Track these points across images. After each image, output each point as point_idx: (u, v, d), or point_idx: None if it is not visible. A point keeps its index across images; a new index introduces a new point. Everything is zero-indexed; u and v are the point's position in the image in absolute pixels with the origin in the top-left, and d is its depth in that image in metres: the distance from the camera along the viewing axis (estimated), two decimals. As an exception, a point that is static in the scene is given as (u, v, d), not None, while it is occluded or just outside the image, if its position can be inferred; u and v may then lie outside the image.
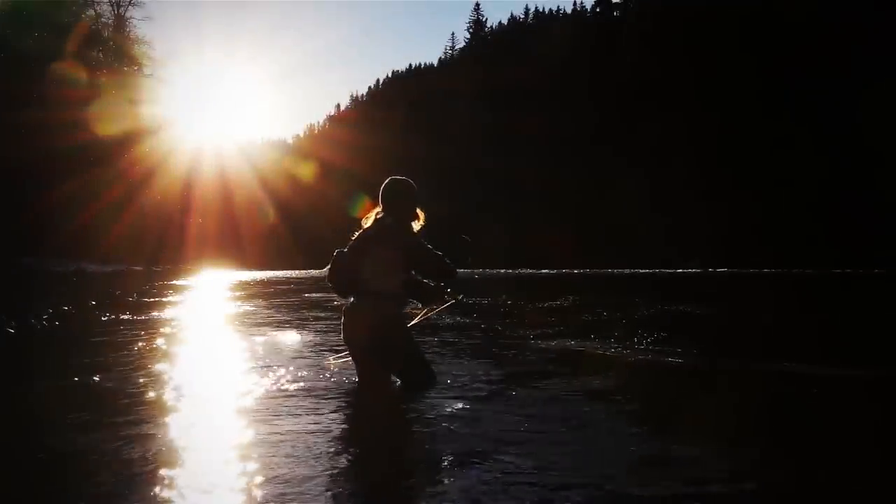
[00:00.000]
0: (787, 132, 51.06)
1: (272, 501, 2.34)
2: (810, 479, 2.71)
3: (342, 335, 4.28)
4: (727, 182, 50.55)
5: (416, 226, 4.22)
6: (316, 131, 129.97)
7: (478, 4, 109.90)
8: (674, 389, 4.73)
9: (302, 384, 4.43)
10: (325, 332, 7.86)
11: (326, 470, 2.68)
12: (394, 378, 4.26)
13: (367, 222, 4.22)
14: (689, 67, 57.54)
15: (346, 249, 4.21)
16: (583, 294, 7.21)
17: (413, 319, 4.46)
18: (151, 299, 14.89)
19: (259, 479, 2.55)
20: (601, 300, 7.08)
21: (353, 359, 4.29)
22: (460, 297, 4.40)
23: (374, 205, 4.26)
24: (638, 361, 5.64)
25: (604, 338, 6.66)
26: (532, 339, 6.99)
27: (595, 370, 5.17)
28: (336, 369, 4.86)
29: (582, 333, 6.89)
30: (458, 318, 8.63)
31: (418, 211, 4.23)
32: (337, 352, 5.45)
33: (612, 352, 6.11)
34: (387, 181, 4.27)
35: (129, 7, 33.84)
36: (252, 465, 2.71)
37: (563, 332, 7.02)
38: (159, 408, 3.79)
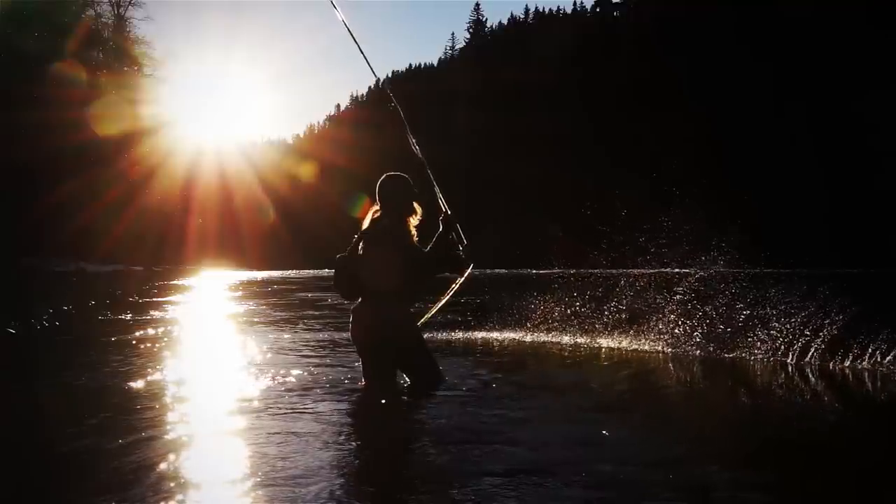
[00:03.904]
0: (787, 132, 51.05)
1: (278, 498, 2.35)
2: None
3: (350, 334, 4.29)
4: (727, 182, 50.55)
5: (414, 221, 4.22)
6: (316, 131, 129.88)
7: (478, 4, 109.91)
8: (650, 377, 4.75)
9: (303, 382, 4.44)
10: (323, 330, 7.87)
11: (332, 465, 2.69)
12: (401, 376, 4.26)
13: (366, 223, 4.23)
14: (689, 67, 57.53)
15: (346, 253, 4.22)
16: (578, 293, 7.27)
17: (422, 317, 4.47)
18: (152, 299, 14.91)
19: (263, 476, 2.56)
20: (595, 299, 7.13)
21: (360, 357, 4.30)
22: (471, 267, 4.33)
23: (374, 203, 4.26)
24: (638, 353, 5.67)
25: (594, 332, 6.69)
26: (527, 336, 7.01)
27: (578, 363, 5.18)
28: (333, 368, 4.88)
29: (571, 329, 6.94)
30: (454, 318, 8.64)
31: (415, 205, 4.23)
32: (339, 349, 5.46)
33: (618, 346, 6.13)
34: (382, 178, 4.26)
35: (129, 7, 33.73)
36: (255, 463, 2.72)
37: (557, 329, 7.07)
38: (160, 406, 3.79)
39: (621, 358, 5.85)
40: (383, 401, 3.93)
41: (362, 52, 4.68)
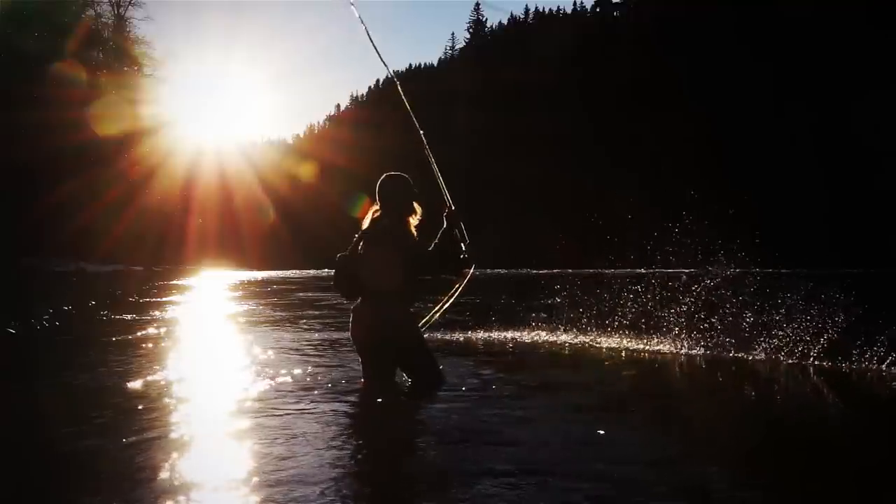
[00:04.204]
0: (788, 132, 51.05)
1: (279, 498, 2.35)
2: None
3: (350, 334, 4.28)
4: (727, 182, 50.56)
5: (414, 221, 4.21)
6: (316, 131, 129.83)
7: (478, 4, 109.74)
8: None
9: (303, 382, 4.44)
10: (323, 330, 7.87)
11: (333, 465, 2.69)
12: (402, 376, 4.26)
13: (366, 223, 4.22)
14: (689, 67, 57.55)
15: (346, 252, 4.22)
16: (574, 293, 7.30)
17: (424, 316, 4.47)
18: (152, 299, 14.91)
19: (264, 476, 2.56)
20: (591, 299, 7.14)
21: (360, 357, 4.30)
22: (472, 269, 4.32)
23: (374, 203, 4.25)
24: (628, 353, 5.67)
25: (589, 331, 6.69)
26: (528, 335, 7.01)
27: (574, 363, 5.19)
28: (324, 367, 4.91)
29: (571, 329, 6.94)
30: (454, 318, 8.64)
31: (415, 205, 4.22)
32: (339, 349, 5.46)
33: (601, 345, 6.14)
34: (382, 178, 4.26)
35: (129, 7, 33.75)
36: (255, 463, 2.72)
37: (557, 328, 7.08)
38: (161, 406, 3.79)
39: (622, 358, 5.85)
40: (383, 401, 3.93)
41: (375, 47, 4.68)
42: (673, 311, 6.40)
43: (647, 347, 6.15)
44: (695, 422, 3.72)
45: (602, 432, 3.23)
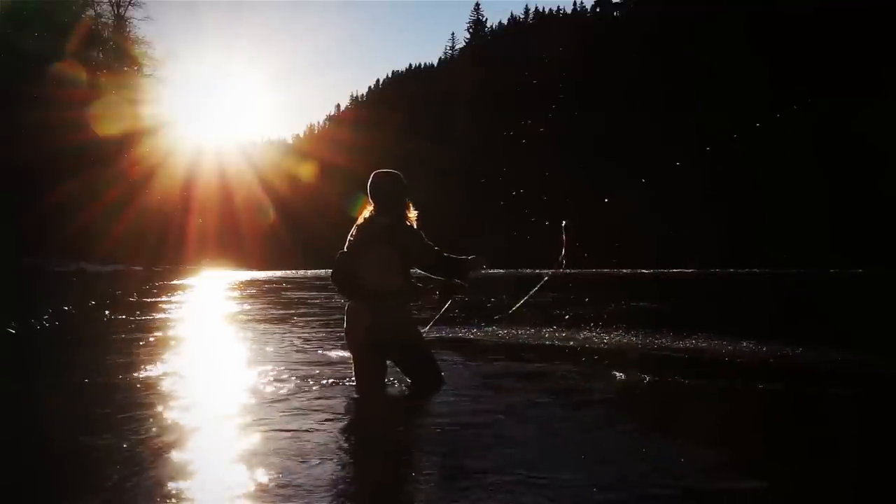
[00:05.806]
0: (791, 132, 51.05)
1: (278, 496, 2.36)
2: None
3: (346, 334, 4.28)
4: (729, 183, 50.58)
5: (412, 216, 4.19)
6: (316, 131, 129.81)
7: (478, 4, 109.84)
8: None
9: (302, 381, 4.44)
10: (321, 329, 7.88)
11: (331, 464, 2.70)
12: (396, 378, 4.26)
13: (360, 220, 4.21)
14: (690, 67, 57.58)
15: (346, 250, 4.21)
16: (570, 293, 7.31)
17: (418, 319, 4.47)
18: (152, 299, 14.91)
19: (264, 475, 2.57)
20: (586, 298, 7.16)
21: (357, 357, 4.29)
22: (460, 295, 4.36)
23: (368, 202, 4.23)
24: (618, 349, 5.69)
25: (579, 329, 6.70)
26: (526, 334, 7.02)
27: (564, 359, 5.20)
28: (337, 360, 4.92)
29: (568, 327, 6.95)
30: (454, 317, 8.66)
31: (409, 203, 4.20)
32: (336, 349, 5.48)
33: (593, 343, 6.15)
34: (372, 177, 4.21)
35: (129, 7, 33.76)
36: (255, 463, 2.73)
37: (555, 326, 7.10)
38: (160, 406, 3.80)
39: (617, 354, 5.86)
40: (381, 400, 3.93)
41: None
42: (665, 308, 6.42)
43: (639, 342, 6.16)
44: (688, 416, 3.73)
45: (600, 429, 3.24)
